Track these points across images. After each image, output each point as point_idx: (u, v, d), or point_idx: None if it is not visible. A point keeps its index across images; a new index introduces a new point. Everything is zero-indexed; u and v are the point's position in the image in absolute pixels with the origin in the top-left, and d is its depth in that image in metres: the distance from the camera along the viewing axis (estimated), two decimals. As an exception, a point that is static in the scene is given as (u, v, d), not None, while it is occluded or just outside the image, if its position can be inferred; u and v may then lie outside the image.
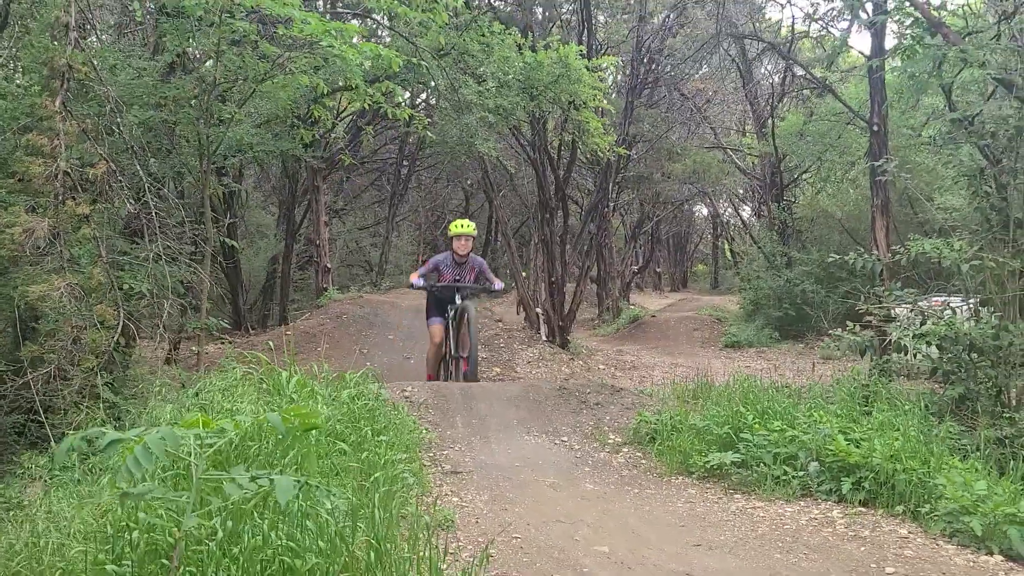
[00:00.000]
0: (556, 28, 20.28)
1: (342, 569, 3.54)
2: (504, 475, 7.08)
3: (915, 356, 8.61)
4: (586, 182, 25.49)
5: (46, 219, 6.73)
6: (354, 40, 10.90)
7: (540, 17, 19.55)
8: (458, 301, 9.84)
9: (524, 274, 19.30)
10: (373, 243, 30.93)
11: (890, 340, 9.19)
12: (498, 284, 10.09)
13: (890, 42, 12.90)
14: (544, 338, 16.91)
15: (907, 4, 8.09)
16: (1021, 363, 7.24)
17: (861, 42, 59.12)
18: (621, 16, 23.33)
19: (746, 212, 37.59)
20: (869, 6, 13.22)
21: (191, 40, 10.21)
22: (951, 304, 8.38)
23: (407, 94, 18.97)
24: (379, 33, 17.82)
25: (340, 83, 12.45)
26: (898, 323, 8.83)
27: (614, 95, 22.91)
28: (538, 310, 17.79)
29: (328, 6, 18.08)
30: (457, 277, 9.91)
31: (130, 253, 8.31)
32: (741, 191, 35.09)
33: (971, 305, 8.33)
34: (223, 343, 13.14)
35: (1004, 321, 7.54)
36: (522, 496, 6.32)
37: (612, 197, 23.74)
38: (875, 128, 12.73)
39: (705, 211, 43.48)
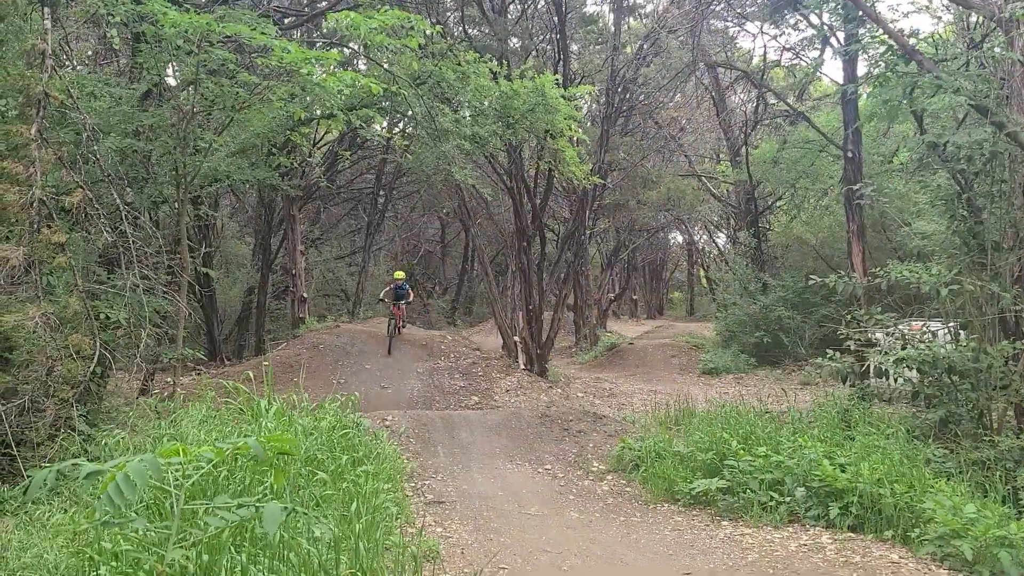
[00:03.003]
0: (532, 57, 20.39)
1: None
2: (488, 504, 6.99)
3: (895, 380, 8.65)
4: (562, 210, 25.57)
5: (21, 247, 6.58)
6: (332, 68, 10.87)
7: (516, 46, 19.65)
8: None
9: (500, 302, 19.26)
10: (350, 272, 30.71)
11: (870, 365, 9.23)
12: None
13: (862, 69, 13.11)
14: (522, 366, 16.82)
15: (880, 32, 8.21)
16: (1001, 385, 7.28)
17: (833, 70, 60.16)
18: (594, 47, 23.53)
19: (721, 239, 37.83)
20: (841, 35, 13.44)
21: (169, 68, 10.14)
22: (931, 328, 8.44)
23: (384, 123, 18.96)
24: (354, 62, 17.81)
25: (318, 111, 12.41)
26: (878, 348, 8.88)
27: (589, 124, 23.04)
28: (516, 338, 17.70)
29: (303, 35, 18.09)
30: None
31: (107, 282, 8.16)
32: (716, 218, 35.35)
33: (950, 329, 8.39)
34: (198, 374, 12.93)
35: (983, 344, 7.59)
36: (507, 526, 6.23)
37: (588, 225, 23.81)
38: (849, 154, 12.89)
39: (680, 238, 43.76)
